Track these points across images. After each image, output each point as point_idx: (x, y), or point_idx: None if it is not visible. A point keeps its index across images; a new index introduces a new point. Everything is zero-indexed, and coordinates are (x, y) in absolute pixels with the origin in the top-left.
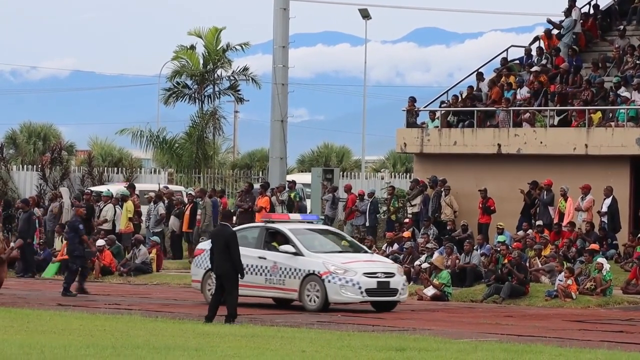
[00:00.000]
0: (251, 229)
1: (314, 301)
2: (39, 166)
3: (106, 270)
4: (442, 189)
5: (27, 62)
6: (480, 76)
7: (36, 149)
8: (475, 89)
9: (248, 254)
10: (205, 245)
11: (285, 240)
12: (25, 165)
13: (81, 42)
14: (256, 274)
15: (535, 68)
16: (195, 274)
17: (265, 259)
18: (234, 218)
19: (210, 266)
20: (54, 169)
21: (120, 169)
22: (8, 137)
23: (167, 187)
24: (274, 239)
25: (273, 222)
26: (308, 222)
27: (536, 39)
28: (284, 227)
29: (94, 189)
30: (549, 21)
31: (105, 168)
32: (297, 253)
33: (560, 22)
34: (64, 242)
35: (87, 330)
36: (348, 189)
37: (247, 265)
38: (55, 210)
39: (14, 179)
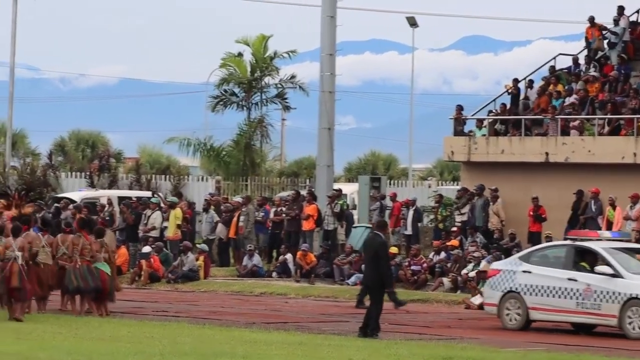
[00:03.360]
0: (554, 248)
1: (638, 328)
2: (87, 173)
3: (154, 277)
4: (489, 198)
5: (76, 69)
6: (530, 83)
7: (85, 156)
8: (523, 96)
9: (554, 275)
10: (500, 265)
11: (596, 259)
12: (73, 172)
13: (130, 49)
14: (565, 297)
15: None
16: (490, 297)
17: (575, 280)
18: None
19: (507, 288)
20: (102, 176)
21: (167, 176)
22: (57, 144)
23: (211, 194)
24: (582, 258)
25: (582, 239)
26: (618, 240)
27: (587, 46)
28: (596, 246)
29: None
30: (591, 21)
31: (153, 175)
32: (616, 275)
33: (609, 30)
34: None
35: (135, 338)
36: (393, 197)
37: (554, 288)
38: (105, 216)
39: (63, 186)
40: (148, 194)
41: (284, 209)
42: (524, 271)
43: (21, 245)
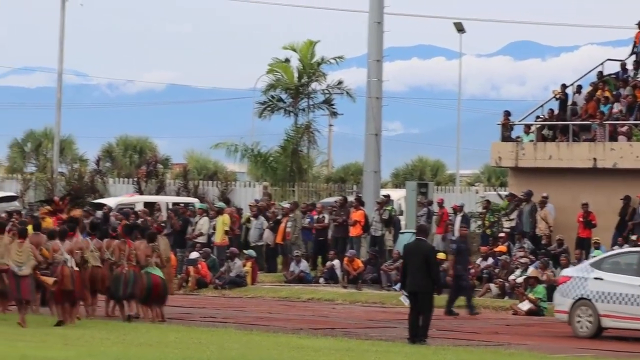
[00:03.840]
0: (627, 255)
1: None
2: (135, 179)
3: (201, 283)
4: (537, 203)
5: (123, 75)
6: (578, 89)
7: (132, 162)
8: (571, 102)
9: (626, 282)
10: (571, 271)
11: None
12: (121, 178)
13: (177, 55)
14: (638, 304)
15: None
16: (560, 304)
17: None
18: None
19: (578, 295)
20: (149, 182)
21: (215, 182)
22: (104, 150)
23: (257, 201)
24: None
25: None
26: None
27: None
28: None
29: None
30: None
31: (200, 181)
32: None
33: None
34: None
35: (182, 343)
36: (440, 203)
37: (626, 295)
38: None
39: (110, 192)
40: (188, 199)
41: (326, 215)
42: (596, 278)
43: (69, 248)
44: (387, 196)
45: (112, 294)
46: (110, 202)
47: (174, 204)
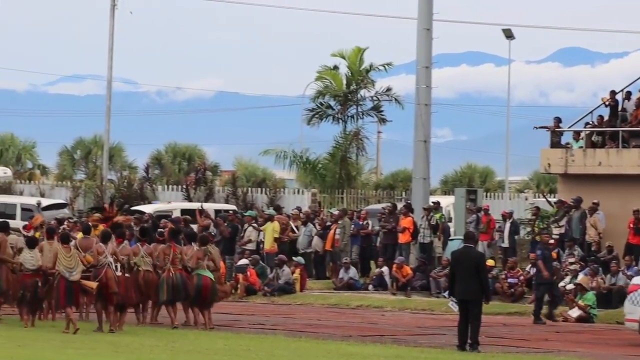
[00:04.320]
0: None
1: None
2: (184, 186)
3: (250, 290)
4: (587, 210)
5: (172, 82)
6: (627, 95)
7: (181, 169)
8: (621, 108)
9: None
10: None
11: None
12: (170, 185)
13: (226, 63)
14: None
15: None
16: (630, 312)
17: None
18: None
19: None
20: (198, 189)
21: (263, 189)
22: (153, 157)
23: (299, 208)
24: None
25: None
26: None
27: None
28: None
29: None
30: None
31: (249, 188)
32: None
33: None
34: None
35: (231, 350)
36: (486, 210)
37: None
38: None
39: (160, 199)
40: (229, 206)
41: (370, 221)
42: None
43: (112, 251)
44: (437, 203)
45: (156, 300)
46: (147, 209)
47: (234, 211)
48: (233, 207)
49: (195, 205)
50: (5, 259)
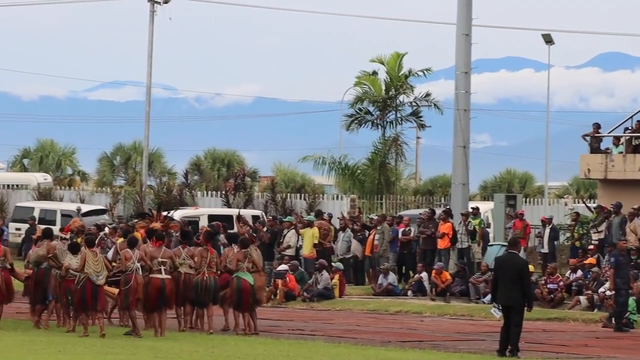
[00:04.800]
0: None
1: None
2: (223, 192)
3: (289, 296)
4: (627, 215)
5: (211, 88)
6: None
7: (220, 175)
8: None
9: None
10: None
11: None
12: (209, 192)
13: (265, 69)
14: None
15: None
16: None
17: None
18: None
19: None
20: (237, 195)
21: (302, 195)
22: (192, 163)
23: (344, 216)
24: None
25: None
26: None
27: None
28: None
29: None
30: None
31: (288, 194)
32: None
33: None
34: None
35: (270, 356)
36: (521, 215)
37: None
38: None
39: (199, 205)
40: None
41: (412, 228)
42: None
43: (140, 257)
44: (476, 208)
45: (193, 301)
46: (174, 215)
47: (274, 216)
48: (259, 212)
49: (223, 211)
50: (54, 264)
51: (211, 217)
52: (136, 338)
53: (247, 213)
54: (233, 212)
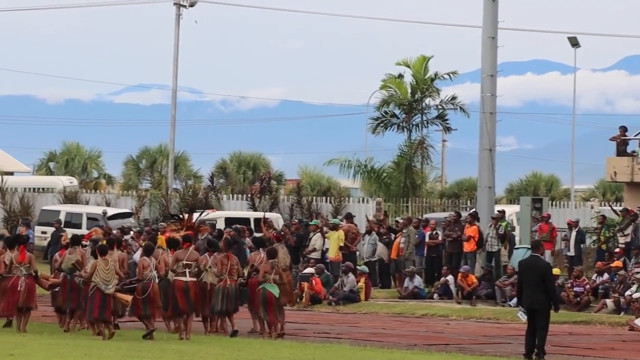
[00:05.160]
0: None
1: None
2: (249, 195)
3: (315, 299)
4: None
5: (237, 91)
6: None
7: (246, 178)
8: None
9: None
10: None
11: None
12: (235, 195)
13: (290, 72)
14: None
15: None
16: None
17: None
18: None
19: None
20: (263, 198)
21: (328, 198)
22: (218, 166)
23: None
24: None
25: None
26: None
27: None
28: None
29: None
30: None
31: (314, 197)
32: None
33: None
34: None
35: (296, 359)
36: (547, 218)
37: None
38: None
39: (224, 208)
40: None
41: (439, 232)
42: None
43: (157, 266)
44: (502, 211)
45: (211, 309)
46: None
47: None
48: (277, 215)
49: (240, 213)
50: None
51: (228, 220)
52: (161, 341)
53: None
54: (249, 214)
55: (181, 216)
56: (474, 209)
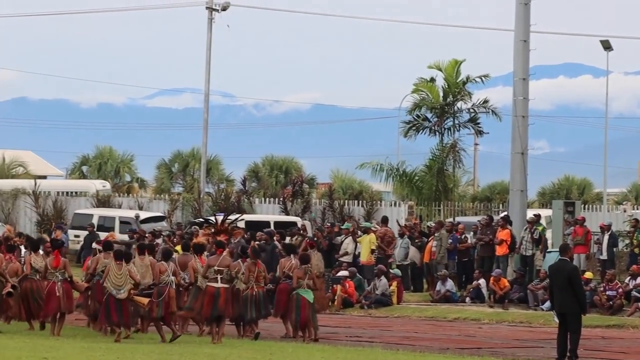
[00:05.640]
0: None
1: None
2: (281, 199)
3: (347, 303)
4: None
5: (269, 95)
6: None
7: (278, 181)
8: None
9: None
10: None
11: None
12: (267, 198)
13: (323, 76)
14: None
15: None
16: None
17: None
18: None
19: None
20: (295, 201)
21: (360, 201)
22: (250, 170)
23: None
24: None
25: None
26: None
27: None
28: None
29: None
30: None
31: (346, 201)
32: None
33: None
34: None
35: None
36: (581, 221)
37: None
38: (297, 242)
39: (257, 212)
40: (294, 219)
41: (468, 236)
42: None
43: (174, 270)
44: (538, 215)
45: (241, 317)
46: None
47: (276, 222)
48: (296, 218)
49: (260, 217)
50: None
51: (248, 224)
52: (193, 345)
53: (284, 219)
54: (269, 217)
55: (213, 220)
56: (505, 213)
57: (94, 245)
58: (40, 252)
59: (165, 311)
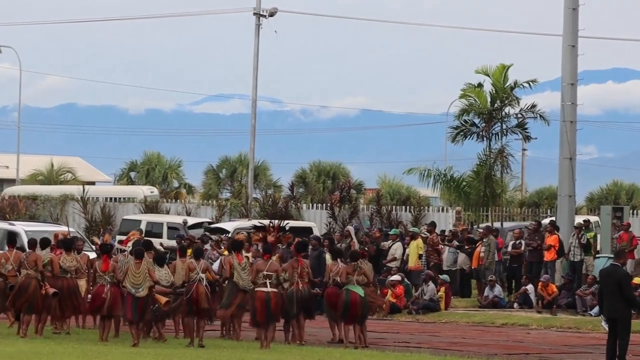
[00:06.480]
0: None
1: None
2: (328, 205)
3: (395, 308)
4: None
5: (317, 101)
6: None
7: (325, 187)
8: None
9: None
10: None
11: None
12: (314, 204)
13: (370, 81)
14: None
15: None
16: None
17: None
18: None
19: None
20: (343, 207)
21: (408, 207)
22: (298, 175)
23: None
24: None
25: None
26: None
27: None
28: None
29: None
30: None
31: (394, 206)
32: None
33: None
34: None
35: None
36: (627, 227)
37: None
38: (343, 248)
39: (304, 217)
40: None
41: (521, 242)
42: None
43: (205, 267)
44: (587, 221)
45: (285, 314)
46: (228, 226)
47: (379, 229)
48: (311, 224)
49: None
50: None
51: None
52: (241, 350)
53: (298, 224)
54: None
55: (260, 224)
56: (552, 218)
57: (116, 245)
58: (73, 253)
59: (194, 308)
